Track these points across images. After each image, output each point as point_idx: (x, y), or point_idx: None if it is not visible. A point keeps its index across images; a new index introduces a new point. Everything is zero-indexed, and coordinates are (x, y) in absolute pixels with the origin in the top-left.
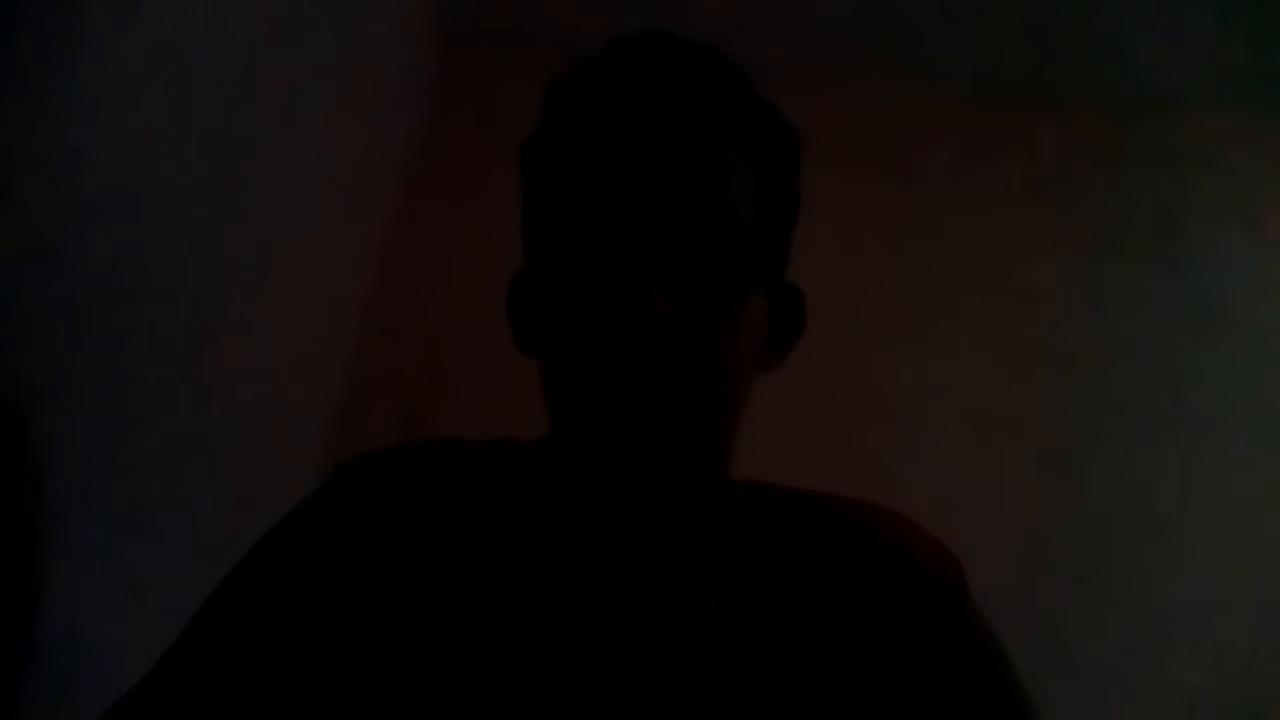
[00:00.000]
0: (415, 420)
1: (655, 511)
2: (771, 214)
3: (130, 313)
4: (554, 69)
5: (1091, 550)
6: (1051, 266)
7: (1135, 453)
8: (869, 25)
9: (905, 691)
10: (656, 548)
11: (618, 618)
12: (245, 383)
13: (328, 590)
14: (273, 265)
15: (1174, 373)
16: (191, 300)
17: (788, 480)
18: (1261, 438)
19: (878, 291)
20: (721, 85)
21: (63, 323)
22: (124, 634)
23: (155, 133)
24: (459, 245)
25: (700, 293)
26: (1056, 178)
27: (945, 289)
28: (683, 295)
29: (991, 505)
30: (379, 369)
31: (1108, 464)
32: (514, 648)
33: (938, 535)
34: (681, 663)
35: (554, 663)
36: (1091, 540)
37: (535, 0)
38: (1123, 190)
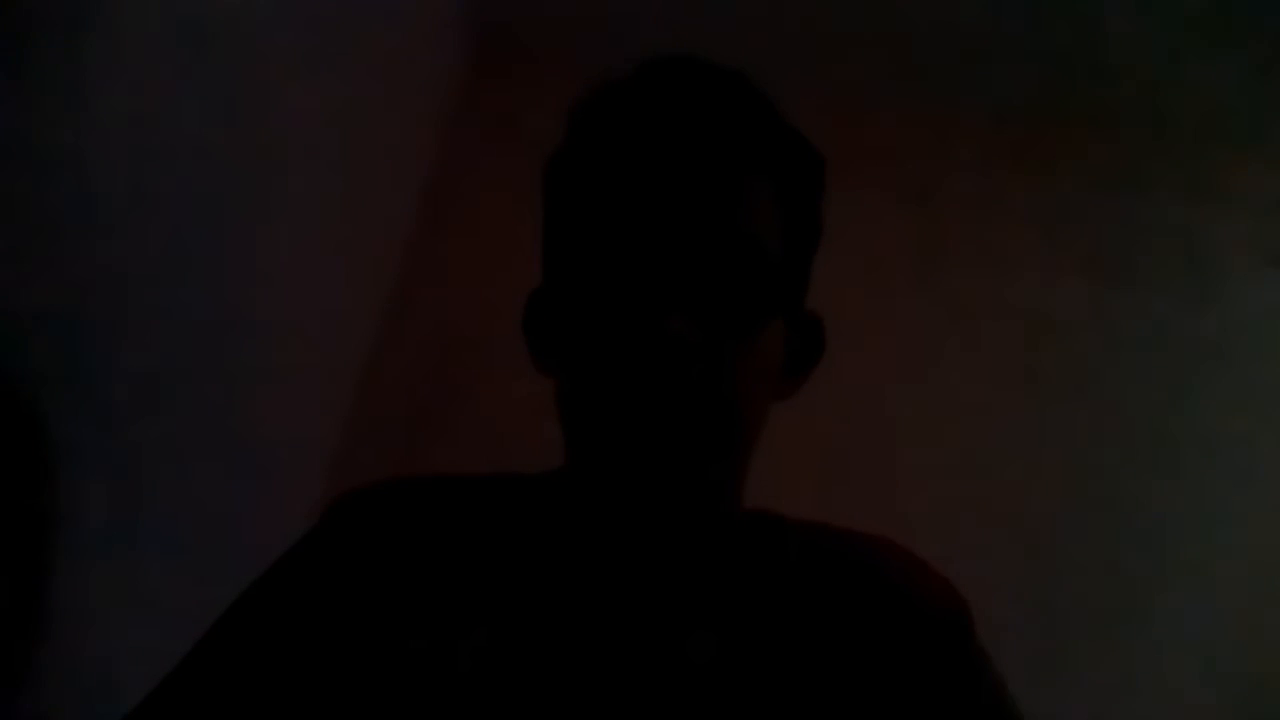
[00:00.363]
0: (427, 424)
1: (662, 543)
2: (794, 241)
3: (141, 311)
4: (578, 75)
5: (1103, 576)
6: (1069, 293)
7: (1149, 483)
8: (888, 47)
9: (906, 717)
10: (659, 583)
11: (613, 659)
12: (258, 382)
13: (318, 636)
14: (289, 266)
15: (1188, 405)
16: (204, 299)
17: (795, 503)
18: (1277, 471)
19: (892, 313)
20: (747, 111)
21: (71, 322)
22: (130, 632)
23: (166, 132)
24: (478, 250)
25: (719, 318)
26: (1076, 205)
27: (960, 312)
28: (701, 320)
29: (1001, 531)
30: (393, 371)
31: (1119, 493)
32: (504, 691)
33: (945, 574)
34: (680, 702)
35: (545, 707)
36: (1101, 567)
37: (561, 4)
38: (1143, 219)
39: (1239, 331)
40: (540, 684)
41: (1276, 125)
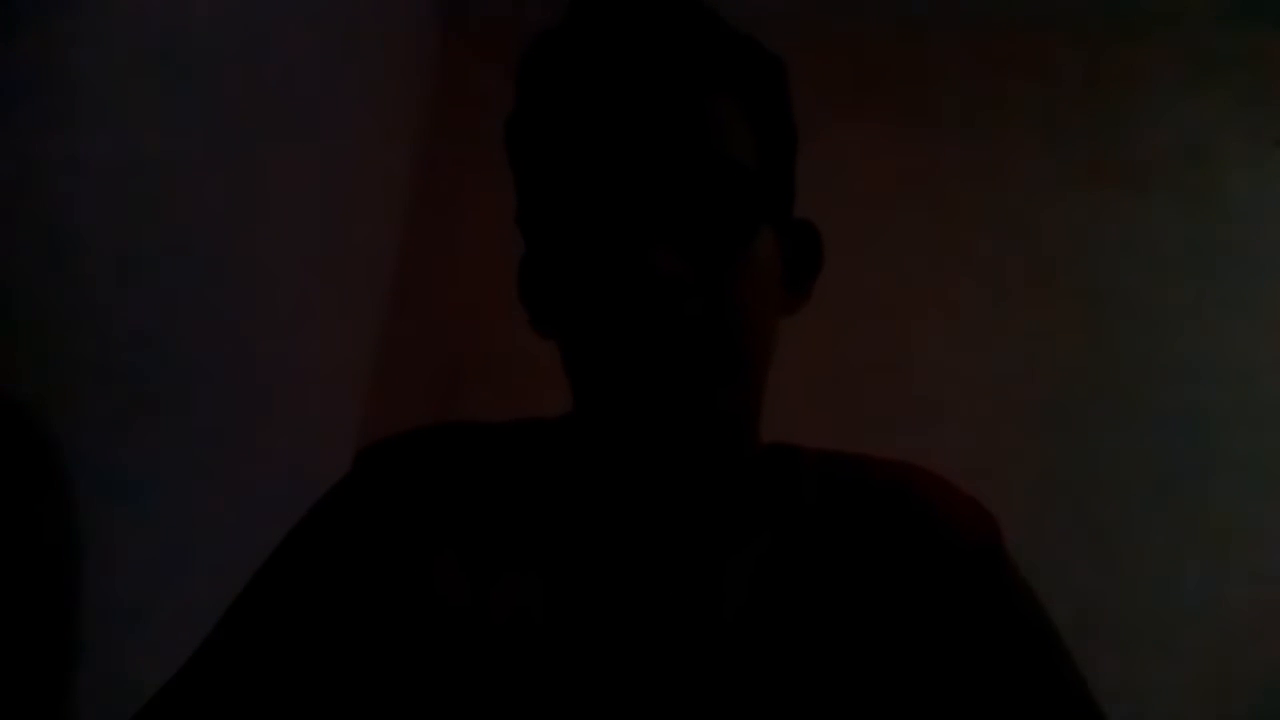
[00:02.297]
0: (442, 405)
1: (683, 480)
2: (769, 151)
3: (143, 310)
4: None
5: (1138, 479)
6: (1077, 201)
7: (1181, 387)
8: None
9: (943, 652)
10: (685, 524)
11: (647, 601)
12: (267, 378)
13: (354, 586)
14: (288, 256)
15: (1210, 302)
16: (205, 294)
17: (810, 435)
18: None
19: (896, 238)
20: (695, 28)
21: (74, 323)
22: (147, 633)
23: (158, 130)
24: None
25: (706, 245)
26: (1076, 108)
27: (965, 230)
28: (689, 250)
29: (1017, 448)
30: (404, 358)
31: (1144, 399)
32: (539, 638)
33: (971, 493)
34: (717, 643)
35: (581, 652)
36: (1134, 470)
37: None
38: (1146, 117)
39: (1256, 221)
40: (572, 634)
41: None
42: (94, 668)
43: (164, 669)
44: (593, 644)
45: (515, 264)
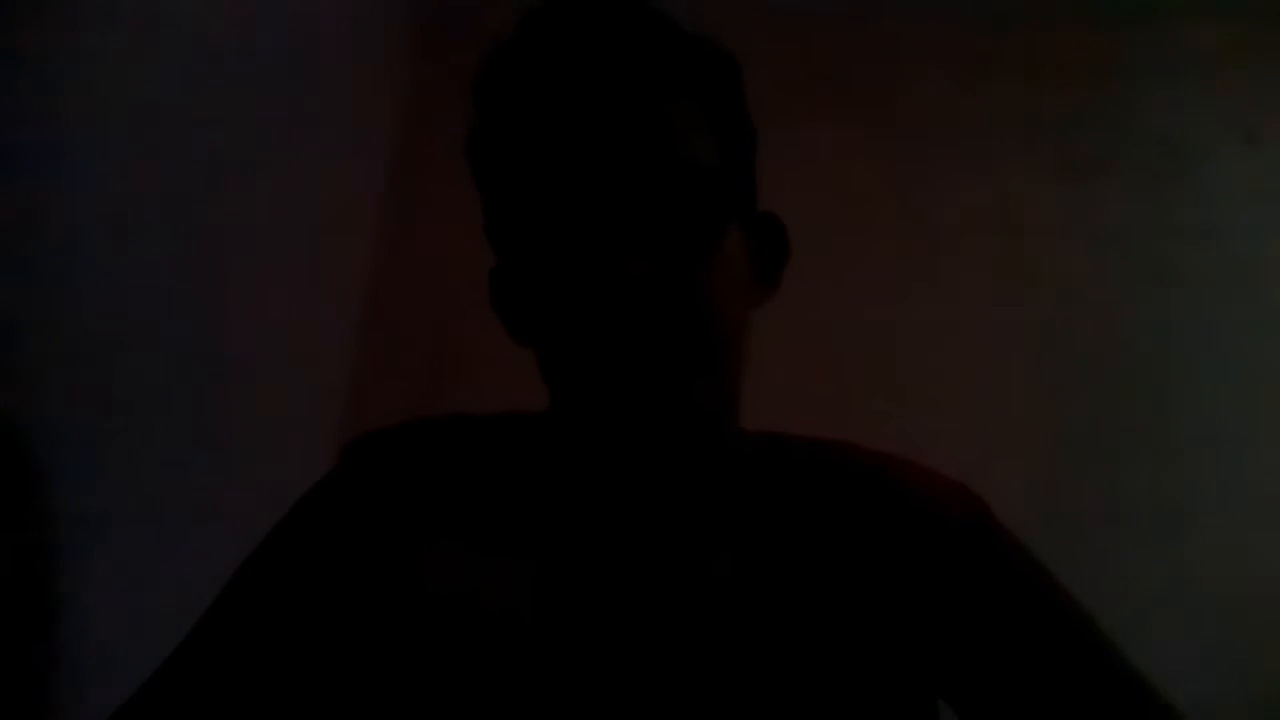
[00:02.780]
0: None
1: (666, 473)
2: (729, 149)
3: (126, 314)
4: None
5: (1109, 478)
6: (1051, 195)
7: (1154, 377)
8: None
9: (939, 620)
10: (670, 513)
11: (635, 592)
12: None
13: (340, 578)
14: (266, 257)
15: (1179, 291)
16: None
17: (800, 430)
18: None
19: (875, 239)
20: (647, 34)
21: (57, 325)
22: (136, 635)
23: (142, 135)
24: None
25: (675, 246)
26: (1051, 103)
27: (944, 229)
28: (658, 252)
29: (1000, 441)
30: (383, 358)
31: (1120, 391)
32: (528, 630)
33: (958, 478)
34: (705, 630)
35: (571, 644)
36: (1108, 470)
37: None
38: (1120, 111)
39: (1225, 215)
40: (563, 625)
41: (1251, 4)
42: (71, 674)
43: (139, 677)
44: (582, 635)
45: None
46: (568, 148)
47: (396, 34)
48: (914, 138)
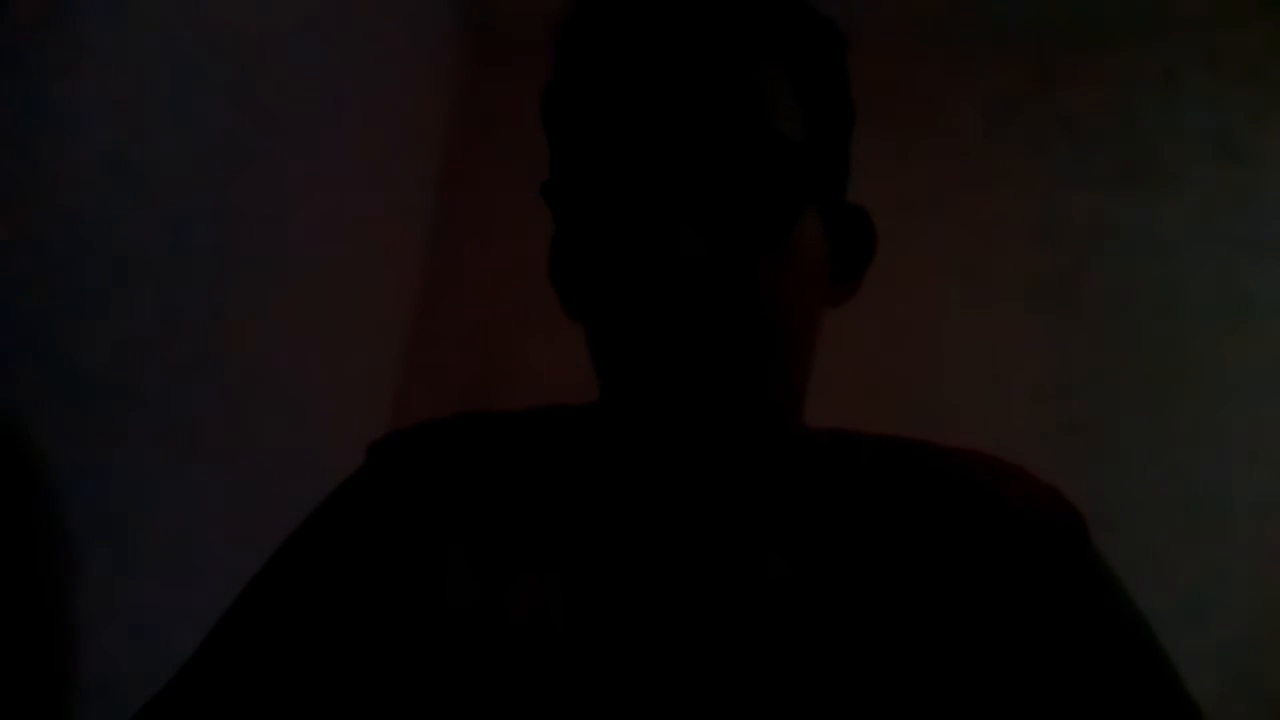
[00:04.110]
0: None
1: (715, 467)
2: (819, 127)
3: (144, 316)
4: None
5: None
6: (1112, 203)
7: (1208, 389)
8: None
9: (1024, 644)
10: (717, 509)
11: (677, 596)
12: (289, 393)
13: (362, 584)
14: (312, 268)
15: (1242, 302)
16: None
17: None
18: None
19: (933, 248)
20: None
21: (74, 334)
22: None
23: (164, 134)
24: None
25: (743, 225)
26: (1108, 113)
27: (1002, 239)
28: (724, 230)
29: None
30: (427, 371)
31: (1171, 401)
32: (557, 639)
33: (1050, 481)
34: (756, 636)
35: (603, 655)
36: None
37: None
38: (1177, 118)
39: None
40: (594, 633)
41: None
42: (90, 681)
43: (158, 682)
44: (615, 647)
45: (541, 276)
46: (637, 102)
47: (445, 47)
48: (959, 148)
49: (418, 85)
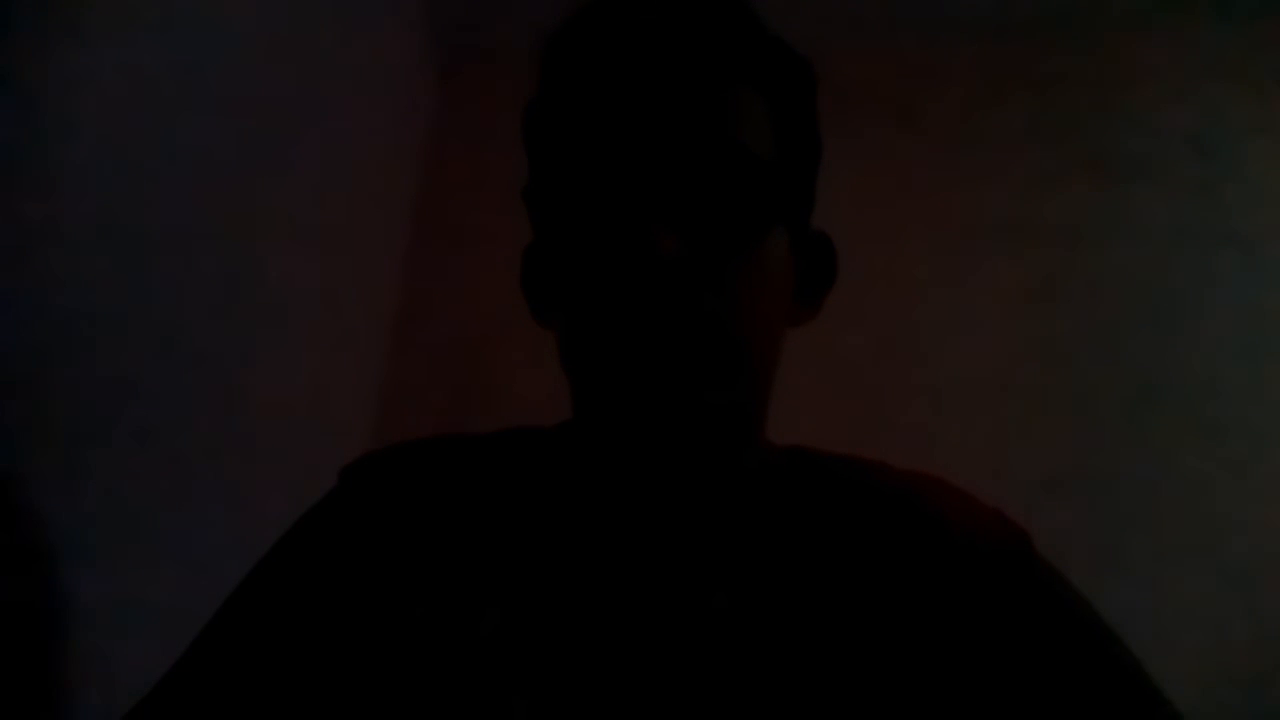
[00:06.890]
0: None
1: (680, 486)
2: (788, 151)
3: (138, 329)
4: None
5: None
6: (1082, 197)
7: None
8: None
9: (977, 665)
10: (673, 535)
11: (627, 622)
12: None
13: (330, 603)
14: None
15: (1213, 293)
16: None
17: (815, 435)
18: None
19: (905, 245)
20: (726, 18)
21: (66, 339)
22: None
23: (155, 147)
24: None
25: (714, 233)
26: (1080, 108)
27: (976, 233)
28: (695, 236)
29: (1031, 446)
30: (407, 393)
31: (1148, 394)
32: (525, 656)
33: (995, 505)
34: (698, 665)
35: (569, 672)
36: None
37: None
38: (1147, 113)
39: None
40: (558, 652)
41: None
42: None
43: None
44: (581, 664)
45: (518, 297)
46: (617, 113)
47: (421, 65)
48: (936, 142)
49: (394, 103)
